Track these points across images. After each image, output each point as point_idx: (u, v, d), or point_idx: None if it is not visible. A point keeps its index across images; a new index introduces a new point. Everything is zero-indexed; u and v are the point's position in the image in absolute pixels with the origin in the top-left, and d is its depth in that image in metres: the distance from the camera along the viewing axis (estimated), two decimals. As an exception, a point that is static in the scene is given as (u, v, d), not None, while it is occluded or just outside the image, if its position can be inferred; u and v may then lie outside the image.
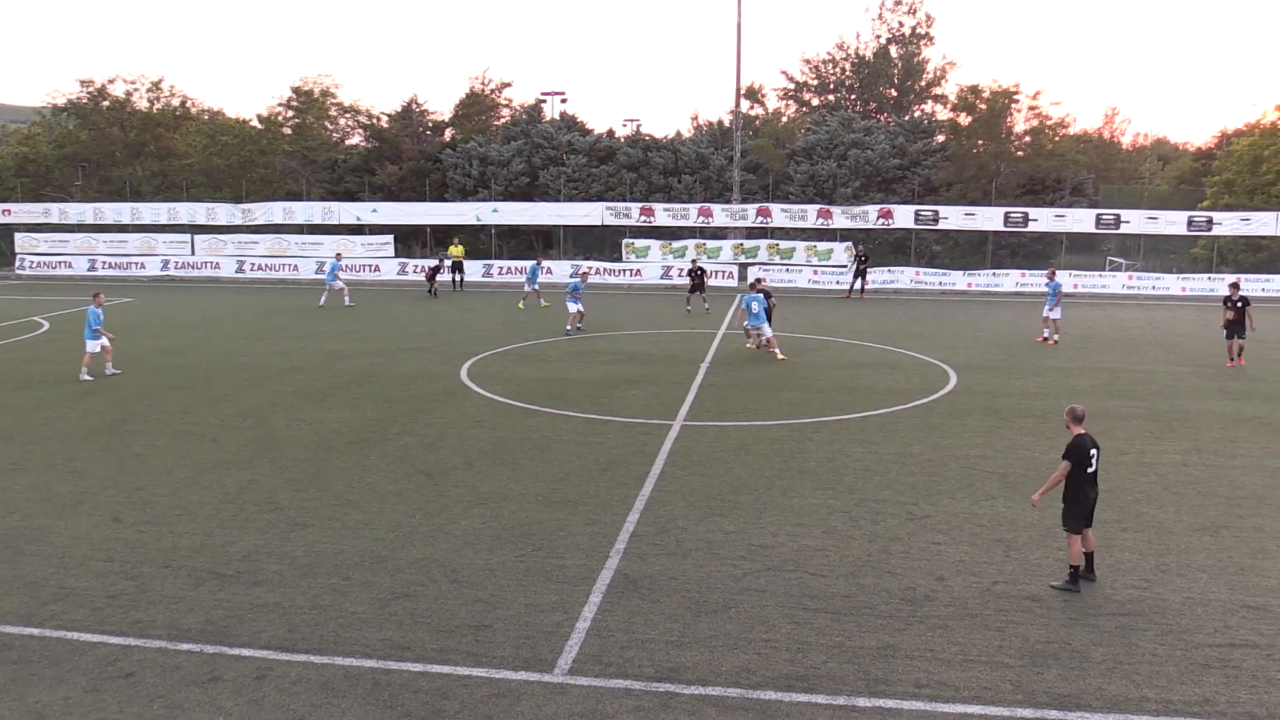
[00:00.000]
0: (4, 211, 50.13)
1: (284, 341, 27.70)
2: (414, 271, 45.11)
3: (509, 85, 59.27)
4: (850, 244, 39.87)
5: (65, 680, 9.26)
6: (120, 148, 57.19)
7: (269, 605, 10.70)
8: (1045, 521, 12.62)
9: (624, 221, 45.99)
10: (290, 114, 58.07)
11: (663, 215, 45.90)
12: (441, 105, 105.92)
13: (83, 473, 15.57)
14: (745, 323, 25.63)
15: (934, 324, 32.50)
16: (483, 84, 58.39)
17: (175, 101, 59.73)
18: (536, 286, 36.11)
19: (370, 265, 46.11)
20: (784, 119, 59.52)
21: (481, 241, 49.59)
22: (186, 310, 35.28)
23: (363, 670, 9.33)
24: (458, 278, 42.52)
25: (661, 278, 44.19)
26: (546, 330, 29.37)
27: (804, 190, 49.74)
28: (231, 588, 11.17)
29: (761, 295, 25.29)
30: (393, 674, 9.26)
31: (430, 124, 57.32)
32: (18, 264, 48.32)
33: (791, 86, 62.92)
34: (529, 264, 39.03)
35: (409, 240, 49.13)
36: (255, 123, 57.75)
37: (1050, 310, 28.06)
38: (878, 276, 43.02)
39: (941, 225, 44.81)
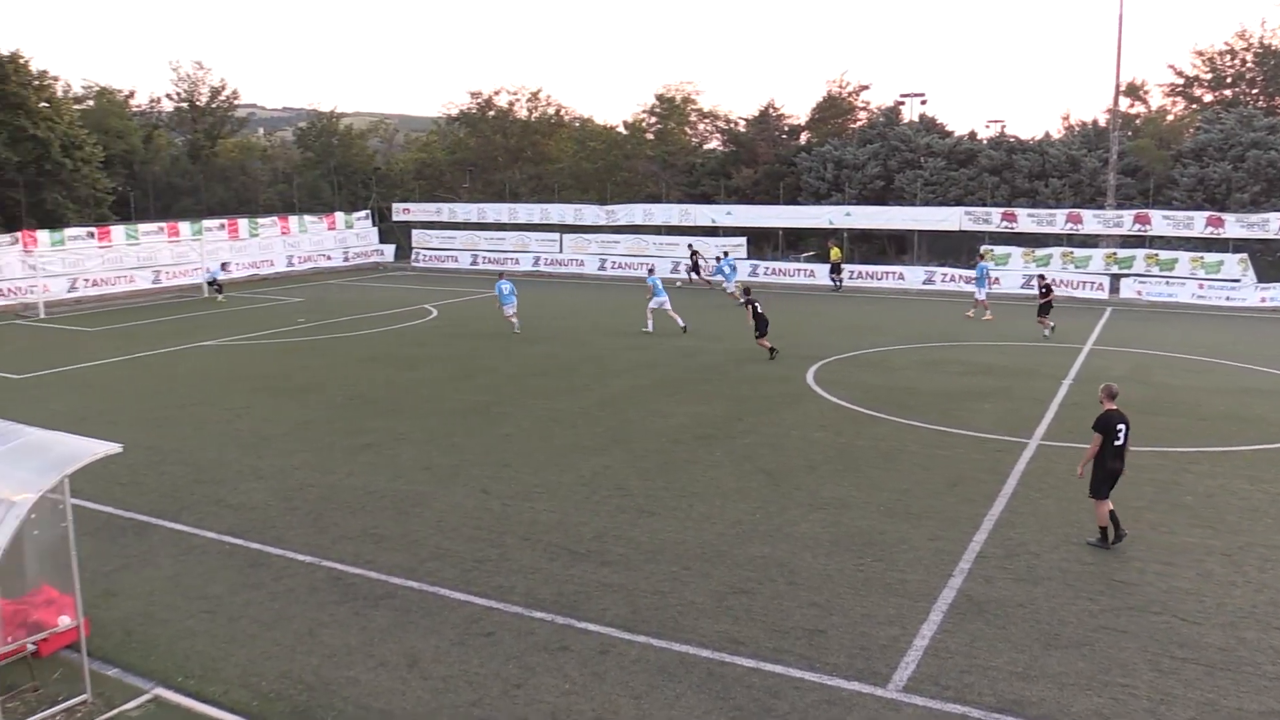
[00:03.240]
0: (404, 210, 56.47)
1: (639, 337, 29.07)
2: (766, 274, 45.74)
3: (866, 88, 58.59)
4: (1040, 276, 33.27)
5: (436, 631, 10.28)
6: (502, 153, 62.45)
7: (615, 585, 11.29)
8: None
9: (983, 227, 44.02)
10: (653, 120, 60.74)
11: (1026, 221, 43.43)
12: (798, 109, 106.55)
13: (459, 447, 17.21)
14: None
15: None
16: (840, 87, 58.04)
17: (550, 110, 64.39)
18: (984, 294, 33.93)
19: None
20: (1169, 117, 54.34)
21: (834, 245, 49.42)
22: (552, 303, 37.92)
23: (698, 659, 9.60)
24: (837, 279, 43.09)
25: (1022, 287, 41.85)
26: (896, 337, 28.72)
27: (1190, 195, 45.15)
28: (582, 565, 11.89)
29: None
30: (726, 666, 9.45)
31: (786, 128, 57.78)
32: (413, 257, 54.22)
33: (1180, 81, 57.25)
34: (975, 268, 35.80)
35: (761, 243, 49.83)
36: (621, 129, 61.02)
37: None
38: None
39: (1366, 237, 38.96)
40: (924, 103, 56.54)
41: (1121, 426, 12.17)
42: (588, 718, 8.66)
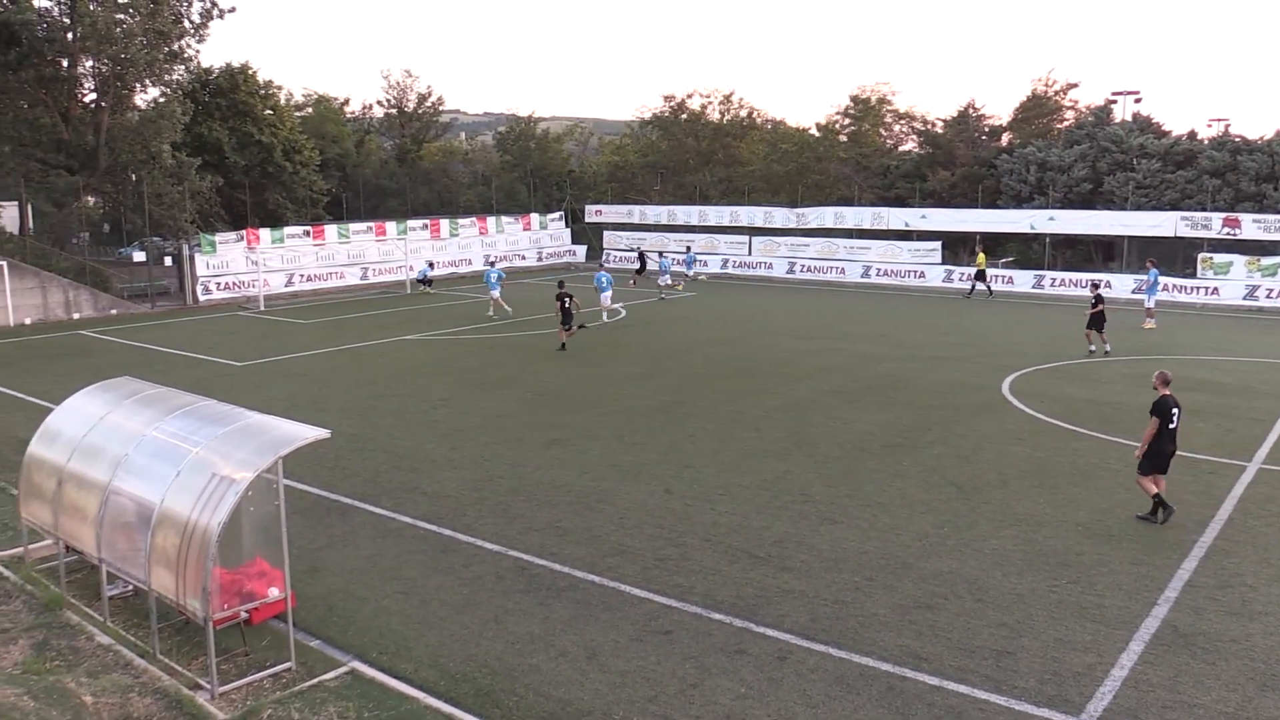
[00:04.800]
0: (596, 212, 57.78)
1: (824, 341, 28.68)
2: (959, 280, 44.30)
3: (1074, 86, 55.73)
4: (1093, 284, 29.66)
5: (615, 626, 10.44)
6: (693, 156, 62.87)
7: (794, 592, 11.18)
8: None
9: (1201, 233, 41.18)
10: (847, 121, 59.84)
11: (1251, 227, 40.34)
12: (999, 109, 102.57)
13: (643, 445, 17.43)
14: None
15: None
16: (1045, 85, 55.57)
17: (743, 113, 64.39)
18: (1154, 301, 32.47)
19: (915, 271, 46.08)
20: None
21: (1034, 251, 47.29)
22: (739, 306, 37.89)
23: (878, 672, 9.40)
24: (978, 285, 41.52)
25: (1245, 298, 38.94)
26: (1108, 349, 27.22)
27: None
28: (762, 569, 11.83)
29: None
30: (907, 682, 9.21)
31: (986, 129, 55.77)
32: (604, 257, 55.30)
33: None
34: (1147, 273, 33.89)
35: (957, 247, 48.26)
36: (813, 131, 60.39)
37: None
38: None
39: None
40: (1138, 101, 53.45)
41: (1175, 410, 13.37)
42: (763, 723, 8.61)
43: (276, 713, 8.81)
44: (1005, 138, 55.59)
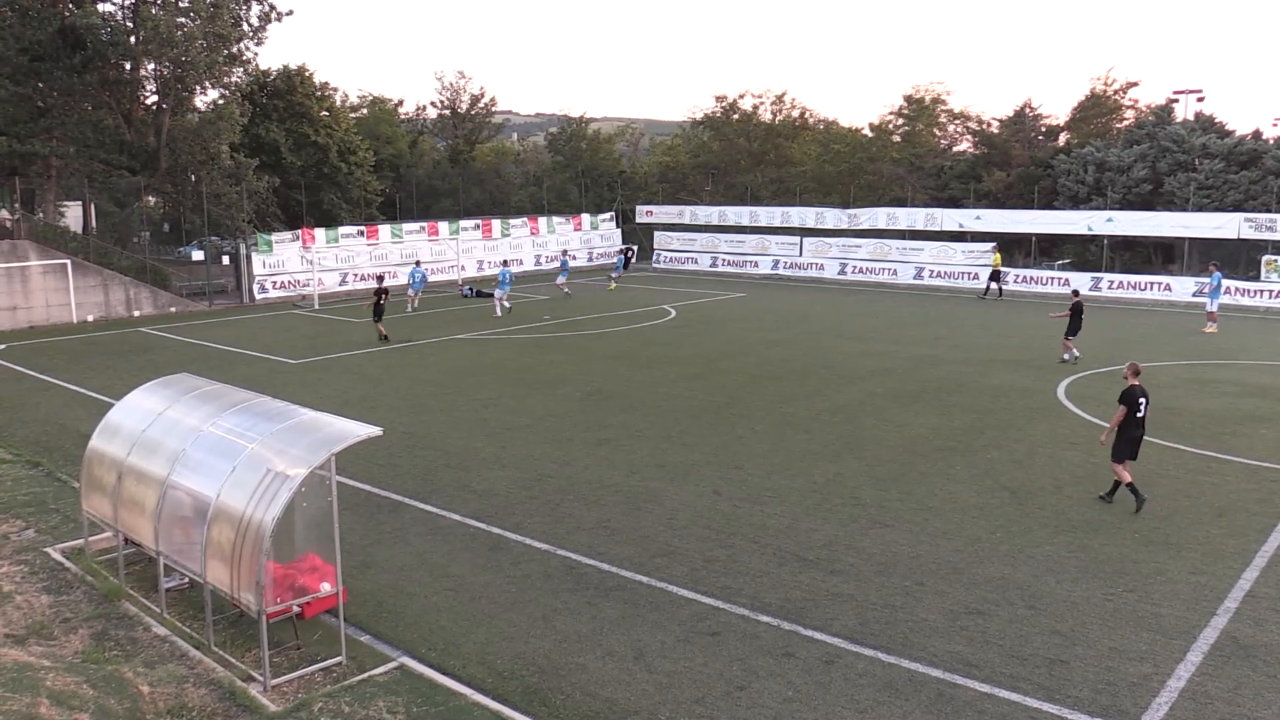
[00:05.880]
0: (647, 213, 57.76)
1: (876, 343, 28.44)
2: (1016, 281, 43.67)
3: (1134, 85, 54.70)
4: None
5: (663, 626, 10.44)
6: (744, 156, 62.72)
7: (843, 596, 11.10)
8: None
9: (1265, 235, 40.20)
10: (900, 122, 59.33)
11: (1320, 230, 39.37)
12: (1056, 109, 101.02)
13: (692, 446, 17.41)
14: None
15: None
16: (1105, 84, 54.66)
17: (795, 113, 64.10)
18: (1216, 305, 31.66)
19: (969, 273, 45.53)
20: None
21: (1091, 253, 46.51)
22: (791, 307, 37.71)
23: (928, 678, 9.30)
24: (994, 286, 40.91)
25: (1310, 303, 37.96)
26: (1162, 352, 26.71)
27: None
28: (810, 572, 11.77)
29: None
30: (958, 689, 9.11)
31: (1043, 128, 55.00)
32: (655, 258, 55.32)
33: None
34: (1210, 277, 33.38)
35: (1012, 249, 47.59)
36: (866, 131, 59.95)
37: None
38: None
39: None
40: (1201, 100, 52.45)
41: (1143, 400, 14.25)
42: (810, 727, 8.55)
43: (327, 706, 8.92)
44: (1062, 138, 54.77)
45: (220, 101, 43.20)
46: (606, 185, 62.78)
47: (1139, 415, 14.21)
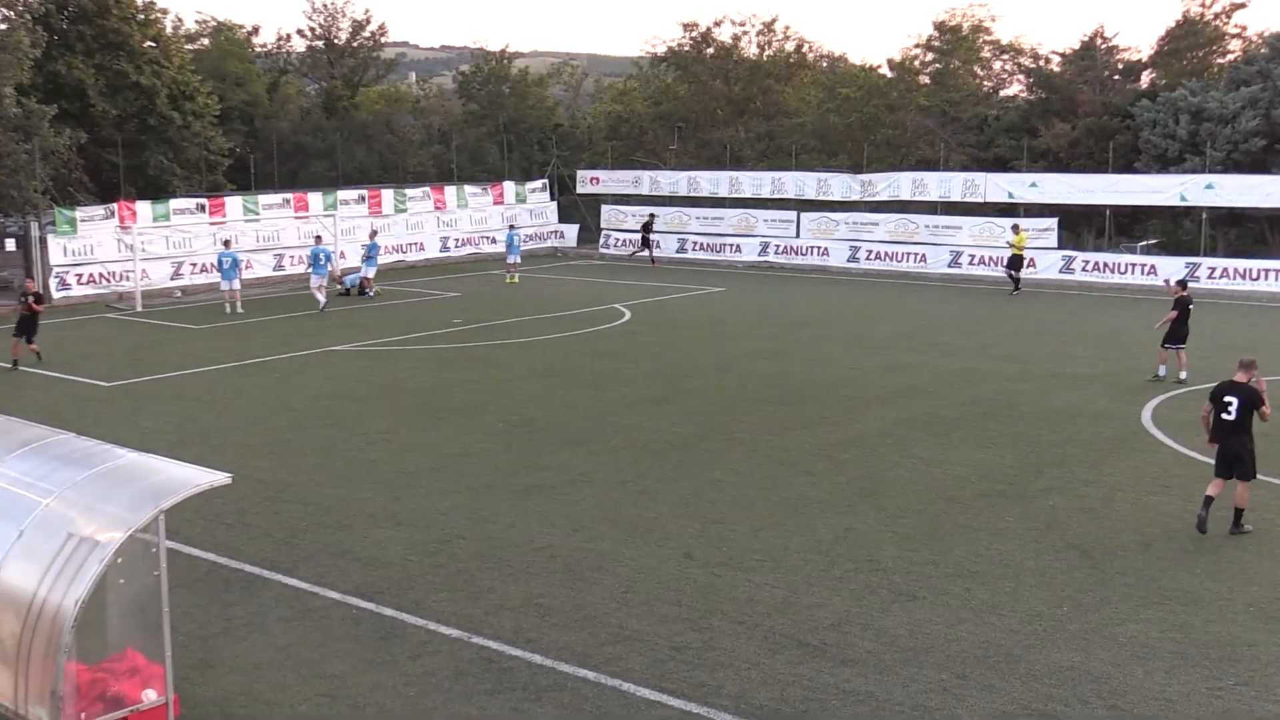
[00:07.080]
0: (592, 180, 57.43)
1: (902, 354, 28.66)
2: (1082, 271, 44.12)
3: (1241, 6, 55.63)
4: None
5: (618, 742, 10.38)
6: (722, 104, 63.03)
7: (859, 694, 11.11)
8: None
9: None
10: (930, 58, 59.94)
11: None
12: (1138, 39, 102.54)
13: (654, 494, 17.40)
14: None
15: None
16: (1202, 6, 55.60)
17: (789, 46, 64.60)
18: None
19: (1024, 257, 45.98)
20: None
21: (1185, 230, 47.20)
22: (786, 306, 37.91)
23: (976, 804, 9.31)
24: (1014, 276, 41.44)
25: None
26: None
27: None
28: (815, 662, 11.77)
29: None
30: (1016, 818, 9.13)
31: (1120, 66, 55.86)
32: (602, 241, 55.10)
33: None
34: None
35: (1080, 226, 48.15)
36: (885, 70, 60.48)
37: None
38: None
39: None
40: (1328, 27, 53.35)
41: (1231, 400, 15.54)
42: None
43: None
44: (1146, 78, 55.58)
45: (2, 26, 42.56)
46: (537, 144, 62.76)
47: (1225, 418, 15.41)
